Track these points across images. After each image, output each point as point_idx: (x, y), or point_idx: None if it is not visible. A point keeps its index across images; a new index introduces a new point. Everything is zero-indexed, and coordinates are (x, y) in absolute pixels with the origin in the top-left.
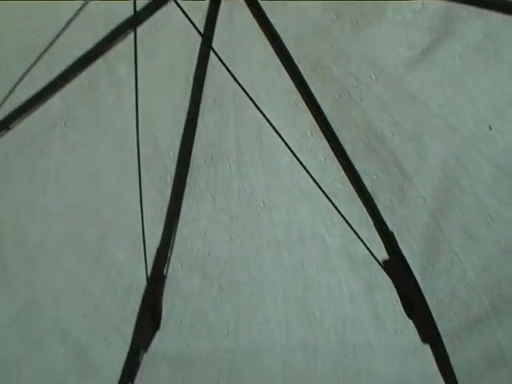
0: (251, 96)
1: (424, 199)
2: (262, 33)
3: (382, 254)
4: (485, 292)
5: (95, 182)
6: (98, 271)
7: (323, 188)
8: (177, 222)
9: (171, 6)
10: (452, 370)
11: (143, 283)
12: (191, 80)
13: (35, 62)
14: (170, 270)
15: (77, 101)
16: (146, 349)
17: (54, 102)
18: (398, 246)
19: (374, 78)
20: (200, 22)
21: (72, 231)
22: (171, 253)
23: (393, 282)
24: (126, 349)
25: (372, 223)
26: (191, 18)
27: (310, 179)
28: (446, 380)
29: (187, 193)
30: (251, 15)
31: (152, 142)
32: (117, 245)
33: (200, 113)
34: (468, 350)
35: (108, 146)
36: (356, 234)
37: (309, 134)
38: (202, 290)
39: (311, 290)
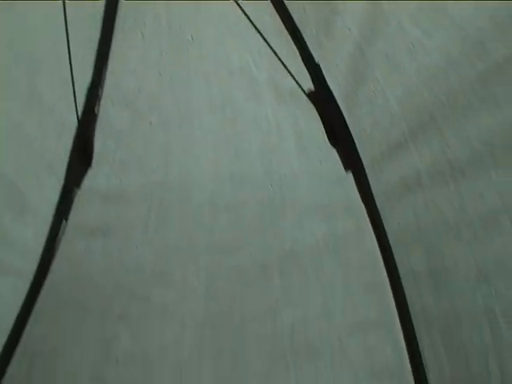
0: None
1: (349, 29)
2: None
3: (309, 86)
4: (405, 119)
5: (23, 20)
6: (29, 112)
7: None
8: (107, 59)
9: None
10: (372, 196)
11: (75, 122)
12: None
13: None
14: (100, 108)
15: None
16: (78, 186)
17: None
18: (323, 78)
19: None
20: None
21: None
22: (102, 90)
23: (318, 112)
24: (60, 187)
25: (299, 56)
26: None
27: (240, 12)
28: (366, 206)
29: (117, 29)
30: None
31: None
32: (47, 84)
33: None
34: (387, 176)
35: None
36: (283, 64)
37: None
38: (132, 126)
39: (239, 122)
